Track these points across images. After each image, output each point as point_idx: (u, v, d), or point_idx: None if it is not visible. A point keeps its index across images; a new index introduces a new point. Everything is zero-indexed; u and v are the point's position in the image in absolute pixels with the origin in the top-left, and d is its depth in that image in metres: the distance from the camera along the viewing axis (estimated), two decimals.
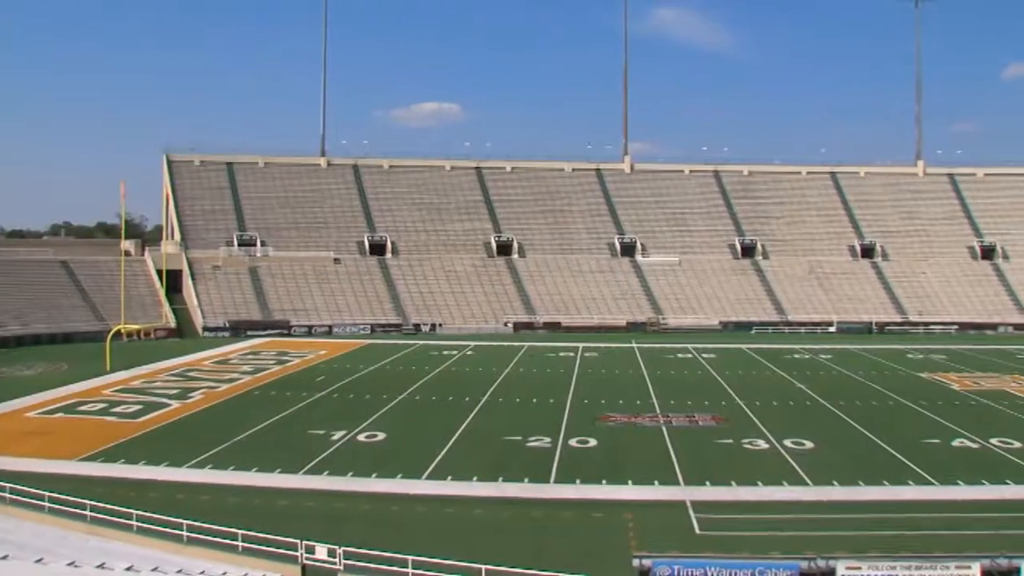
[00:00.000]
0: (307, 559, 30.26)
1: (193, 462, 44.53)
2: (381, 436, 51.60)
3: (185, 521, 32.51)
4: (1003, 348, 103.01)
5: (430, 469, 43.63)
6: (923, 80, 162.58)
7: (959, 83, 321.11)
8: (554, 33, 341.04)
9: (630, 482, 41.48)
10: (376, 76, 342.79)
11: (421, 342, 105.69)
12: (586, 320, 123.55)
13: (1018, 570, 30.08)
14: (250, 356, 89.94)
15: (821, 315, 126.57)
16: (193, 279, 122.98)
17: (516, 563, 29.10)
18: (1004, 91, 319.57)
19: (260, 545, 31.10)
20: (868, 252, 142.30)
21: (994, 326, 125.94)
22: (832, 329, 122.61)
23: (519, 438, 50.83)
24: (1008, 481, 42.81)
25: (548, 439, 50.67)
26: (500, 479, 41.63)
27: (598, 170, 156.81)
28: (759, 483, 41.47)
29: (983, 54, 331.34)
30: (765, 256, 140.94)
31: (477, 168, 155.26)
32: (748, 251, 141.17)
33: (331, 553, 30.03)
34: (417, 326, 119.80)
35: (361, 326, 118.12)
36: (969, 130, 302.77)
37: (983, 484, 42.20)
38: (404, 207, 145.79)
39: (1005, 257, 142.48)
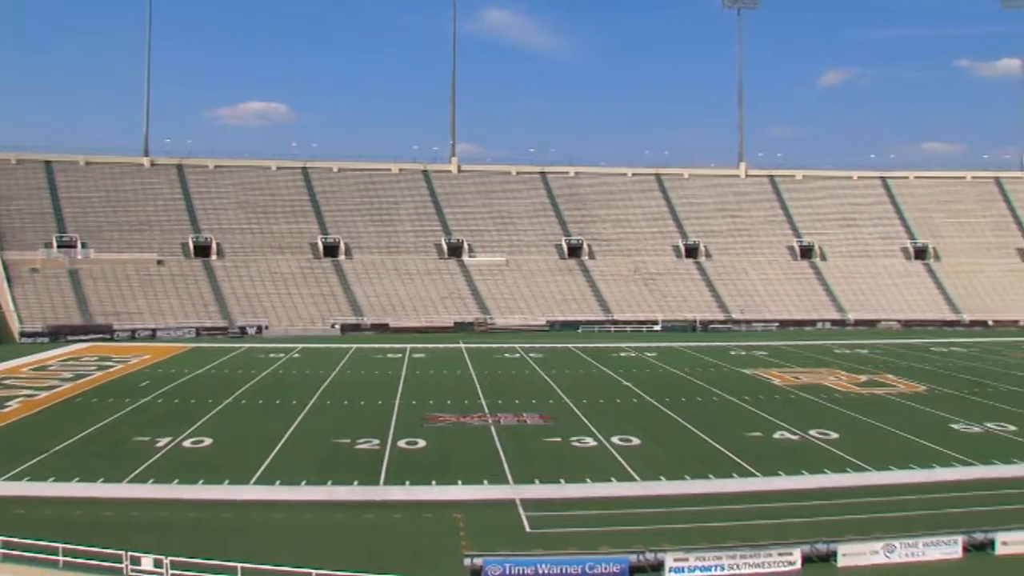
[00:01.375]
0: (132, 571, 29.53)
1: (9, 475, 42.76)
2: (208, 442, 50.58)
3: (0, 537, 31.33)
4: (821, 344, 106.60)
5: (258, 474, 42.94)
6: (745, 85, 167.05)
7: (779, 88, 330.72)
8: (382, 33, 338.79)
9: (460, 482, 41.54)
10: (201, 74, 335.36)
11: (247, 345, 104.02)
12: (413, 321, 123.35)
13: (835, 554, 31.32)
14: (70, 362, 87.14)
15: (646, 314, 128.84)
16: (9, 282, 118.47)
17: (348, 566, 28.98)
18: (821, 96, 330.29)
19: (82, 559, 30.17)
20: (692, 252, 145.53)
21: (813, 323, 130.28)
22: (657, 327, 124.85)
23: (348, 441, 50.43)
24: (826, 470, 44.43)
25: (377, 441, 50.39)
26: (329, 482, 41.22)
27: (425, 171, 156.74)
28: (588, 480, 41.98)
29: (802, 61, 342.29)
30: (591, 256, 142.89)
31: (303, 168, 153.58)
32: (574, 251, 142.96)
33: (158, 563, 29.37)
34: (243, 329, 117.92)
35: (186, 329, 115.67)
36: (789, 134, 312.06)
37: (803, 474, 43.69)
38: (229, 208, 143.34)
39: (823, 257, 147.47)
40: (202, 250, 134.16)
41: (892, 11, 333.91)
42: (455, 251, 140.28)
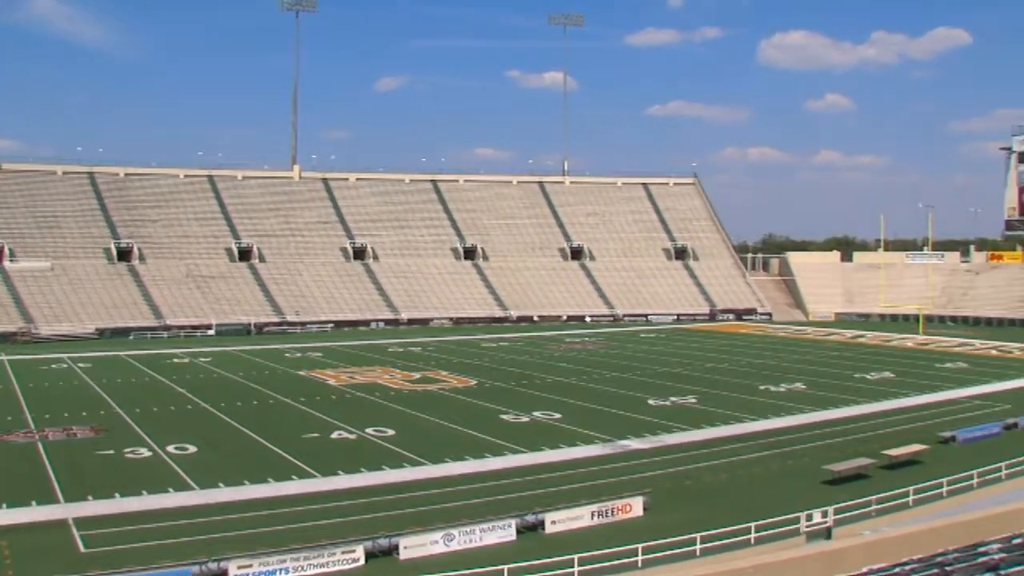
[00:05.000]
0: None
1: None
2: None
3: None
4: (375, 343, 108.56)
5: None
6: (301, 87, 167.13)
7: (336, 92, 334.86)
8: None
9: (4, 505, 38.82)
10: None
11: None
12: None
13: (397, 547, 32.05)
14: None
15: (200, 318, 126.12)
16: None
17: None
18: (376, 101, 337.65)
19: None
20: (245, 255, 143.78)
21: (367, 323, 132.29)
22: (211, 332, 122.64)
23: None
24: (384, 467, 45.42)
25: None
26: None
27: None
28: (144, 492, 40.56)
29: (359, 66, 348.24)
30: (142, 259, 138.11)
31: None
32: (124, 255, 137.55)
33: None
34: None
35: None
36: (344, 137, 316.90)
37: (362, 472, 44.38)
38: None
39: (375, 258, 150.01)
40: None
41: (448, 21, 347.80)
42: None
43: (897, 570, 22.05)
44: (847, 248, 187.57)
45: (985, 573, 19.74)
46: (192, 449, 49.72)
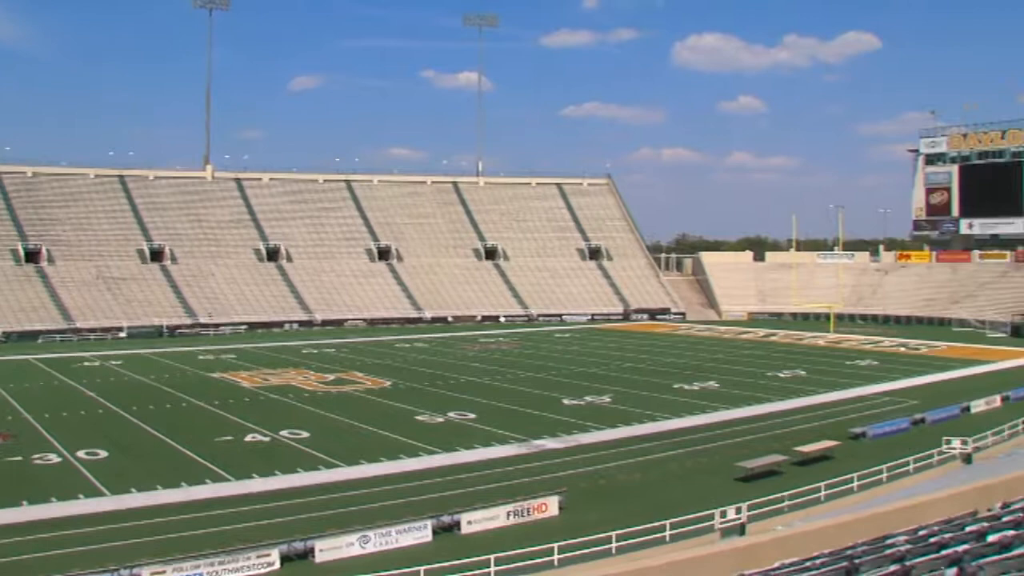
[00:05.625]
0: None
1: None
2: None
3: None
4: (289, 344, 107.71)
5: None
6: (214, 87, 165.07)
7: (250, 91, 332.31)
8: None
9: None
10: None
11: None
12: None
13: (312, 550, 31.90)
14: None
15: (111, 320, 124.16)
16: None
17: None
18: (290, 101, 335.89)
19: None
20: (157, 256, 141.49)
21: (280, 324, 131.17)
22: (123, 334, 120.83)
23: None
24: (299, 469, 45.10)
25: None
26: None
27: None
28: (53, 499, 39.80)
29: (273, 65, 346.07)
30: (50, 261, 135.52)
31: None
32: (32, 256, 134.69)
33: None
34: None
35: None
36: (257, 136, 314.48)
37: (277, 475, 44.04)
38: None
39: (288, 259, 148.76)
40: None
41: (362, 21, 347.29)
42: None
43: (808, 564, 22.33)
44: (759, 248, 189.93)
45: (891, 564, 20.06)
46: (103, 454, 48.92)
